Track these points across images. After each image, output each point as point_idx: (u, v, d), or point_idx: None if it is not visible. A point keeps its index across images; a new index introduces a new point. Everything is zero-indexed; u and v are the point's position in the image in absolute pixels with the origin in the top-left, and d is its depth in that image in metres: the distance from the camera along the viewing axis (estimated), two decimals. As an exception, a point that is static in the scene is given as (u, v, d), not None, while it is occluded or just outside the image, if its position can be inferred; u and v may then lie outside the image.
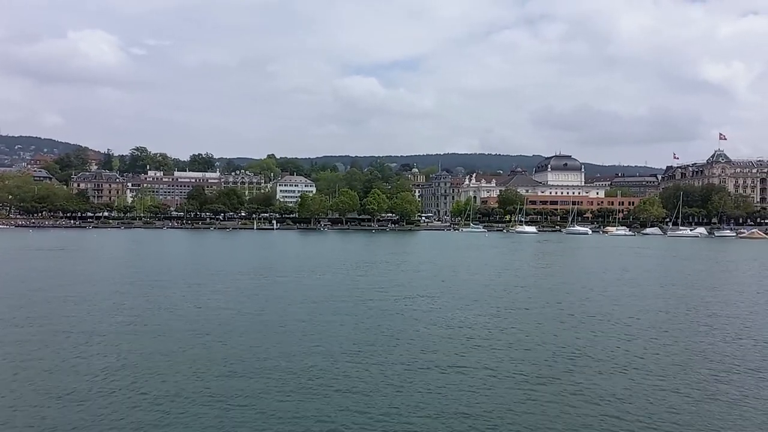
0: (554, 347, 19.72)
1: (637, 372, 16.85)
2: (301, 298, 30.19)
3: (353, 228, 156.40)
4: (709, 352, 19.46)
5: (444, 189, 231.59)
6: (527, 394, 14.82)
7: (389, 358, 17.97)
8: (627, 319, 25.02)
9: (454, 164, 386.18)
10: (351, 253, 69.77)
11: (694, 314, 27.00)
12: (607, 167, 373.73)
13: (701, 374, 16.73)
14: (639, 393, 15.01)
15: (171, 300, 28.92)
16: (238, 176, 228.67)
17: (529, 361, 17.94)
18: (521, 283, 39.01)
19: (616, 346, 19.99)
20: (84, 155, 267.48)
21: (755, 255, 74.37)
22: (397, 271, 46.69)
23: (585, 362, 17.88)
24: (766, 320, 25.73)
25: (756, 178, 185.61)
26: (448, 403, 14.17)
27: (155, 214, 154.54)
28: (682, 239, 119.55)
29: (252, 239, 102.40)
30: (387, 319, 24.35)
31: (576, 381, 15.93)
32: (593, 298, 31.68)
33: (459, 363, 17.54)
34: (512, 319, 24.87)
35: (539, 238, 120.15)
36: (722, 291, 36.61)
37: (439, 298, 31.01)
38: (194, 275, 40.60)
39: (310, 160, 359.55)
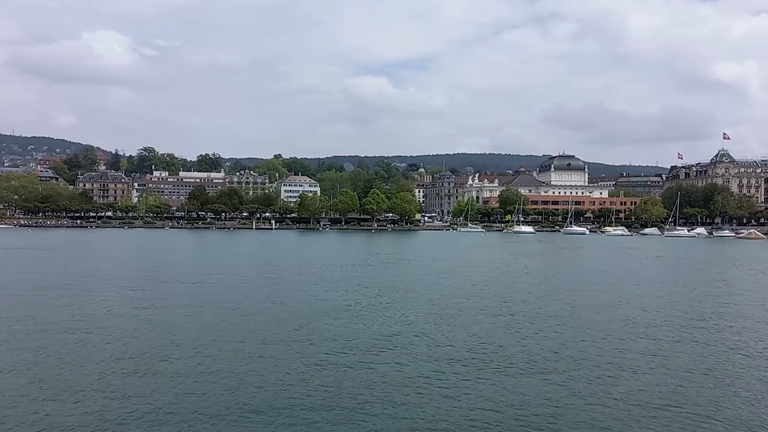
0: (451, 345, 20.32)
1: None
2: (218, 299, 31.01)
3: (352, 228, 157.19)
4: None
5: (448, 189, 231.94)
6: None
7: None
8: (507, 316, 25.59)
9: (464, 164, 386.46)
10: (319, 252, 70.58)
11: (569, 312, 27.38)
12: (617, 167, 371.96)
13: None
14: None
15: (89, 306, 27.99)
16: (243, 176, 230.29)
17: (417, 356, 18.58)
18: (455, 285, 39.56)
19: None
20: (92, 155, 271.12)
21: (740, 256, 74.13)
22: (339, 271, 47.36)
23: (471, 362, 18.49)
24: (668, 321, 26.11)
25: (760, 178, 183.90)
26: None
27: (157, 214, 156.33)
28: (678, 239, 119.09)
29: (240, 239, 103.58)
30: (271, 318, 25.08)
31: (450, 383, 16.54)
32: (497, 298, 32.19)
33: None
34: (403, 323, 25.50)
35: (534, 238, 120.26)
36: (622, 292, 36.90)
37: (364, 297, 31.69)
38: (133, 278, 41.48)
39: (317, 160, 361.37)
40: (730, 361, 18.94)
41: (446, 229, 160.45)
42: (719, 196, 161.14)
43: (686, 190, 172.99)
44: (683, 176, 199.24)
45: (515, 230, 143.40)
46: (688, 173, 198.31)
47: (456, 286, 37.49)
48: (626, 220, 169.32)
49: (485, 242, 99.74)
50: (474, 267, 52.13)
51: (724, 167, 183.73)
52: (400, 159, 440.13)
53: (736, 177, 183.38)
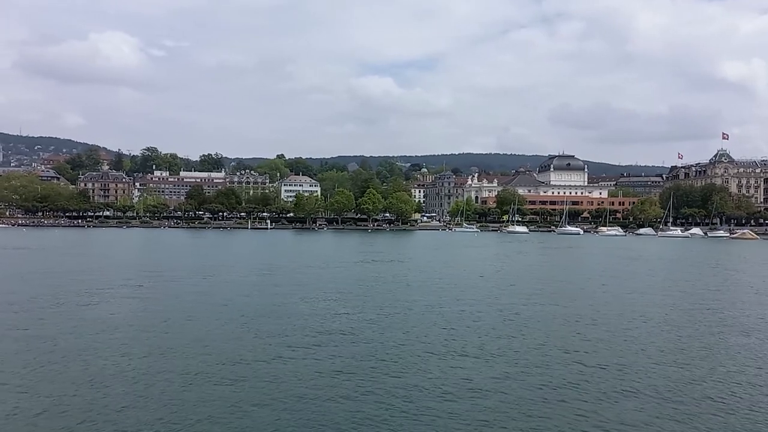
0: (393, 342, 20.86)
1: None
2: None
3: (348, 228, 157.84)
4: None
5: (448, 189, 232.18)
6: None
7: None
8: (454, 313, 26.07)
9: (469, 164, 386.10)
10: (295, 253, 71.27)
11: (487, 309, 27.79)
12: (622, 167, 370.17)
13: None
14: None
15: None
16: (243, 176, 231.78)
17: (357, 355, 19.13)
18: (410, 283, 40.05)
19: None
20: (96, 155, 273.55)
21: (723, 257, 74.12)
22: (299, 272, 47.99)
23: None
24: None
25: (759, 178, 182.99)
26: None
27: (154, 214, 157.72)
28: (670, 240, 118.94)
29: (230, 239, 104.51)
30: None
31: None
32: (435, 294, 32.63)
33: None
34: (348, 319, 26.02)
35: (527, 238, 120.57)
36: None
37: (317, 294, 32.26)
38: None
39: (320, 160, 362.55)
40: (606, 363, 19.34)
41: (442, 229, 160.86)
42: (717, 196, 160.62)
43: (684, 191, 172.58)
44: (683, 176, 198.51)
45: (509, 230, 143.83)
46: (688, 173, 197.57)
47: (409, 285, 38.03)
48: (624, 220, 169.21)
49: (474, 242, 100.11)
50: (444, 267, 52.60)
51: (723, 167, 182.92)
52: (405, 159, 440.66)
53: (736, 177, 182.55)
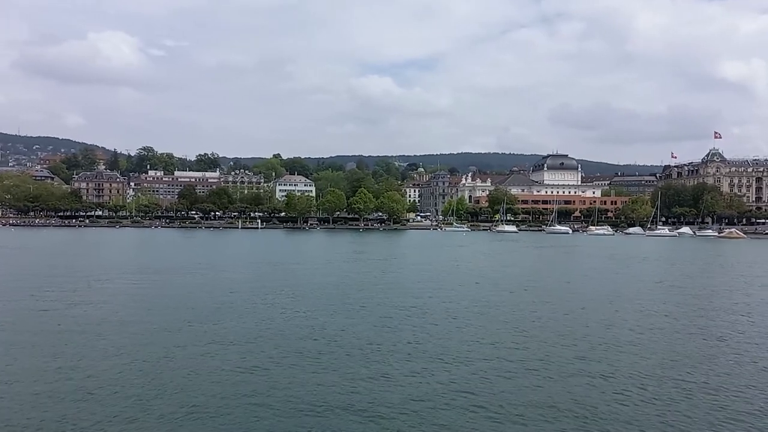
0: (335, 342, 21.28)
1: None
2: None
3: (340, 228, 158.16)
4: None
5: (442, 188, 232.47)
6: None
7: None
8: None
9: (469, 163, 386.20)
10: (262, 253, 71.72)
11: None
12: (621, 166, 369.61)
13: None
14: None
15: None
16: (238, 176, 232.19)
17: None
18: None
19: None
20: (92, 155, 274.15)
21: (699, 256, 74.46)
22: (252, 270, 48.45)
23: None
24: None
25: (751, 177, 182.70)
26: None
27: (146, 214, 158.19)
28: (657, 239, 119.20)
29: (214, 238, 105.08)
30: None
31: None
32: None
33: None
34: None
35: (516, 237, 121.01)
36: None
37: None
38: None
39: (317, 159, 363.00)
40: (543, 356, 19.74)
41: (433, 229, 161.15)
42: (708, 196, 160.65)
43: (675, 190, 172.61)
44: (676, 176, 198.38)
45: (499, 230, 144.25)
46: (681, 173, 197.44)
47: (371, 284, 38.47)
48: (616, 219, 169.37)
49: (459, 241, 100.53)
50: (416, 266, 53.08)
51: (715, 167, 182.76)
52: (404, 158, 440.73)
53: (728, 176, 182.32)
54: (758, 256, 76.38)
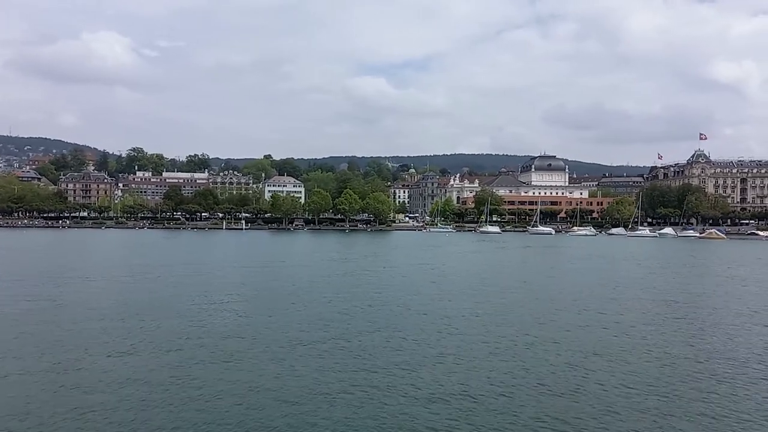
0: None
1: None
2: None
3: (325, 228, 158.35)
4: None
5: (431, 189, 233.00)
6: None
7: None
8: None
9: (463, 164, 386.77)
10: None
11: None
12: (614, 167, 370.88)
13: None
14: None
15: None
16: (227, 177, 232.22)
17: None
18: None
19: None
20: (81, 156, 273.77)
21: (666, 256, 74.95)
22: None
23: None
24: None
25: (736, 178, 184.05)
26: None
27: (131, 214, 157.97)
28: (636, 239, 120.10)
29: (194, 239, 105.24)
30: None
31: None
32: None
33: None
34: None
35: (496, 238, 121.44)
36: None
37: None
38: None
39: (308, 160, 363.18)
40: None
41: (418, 230, 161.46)
42: (692, 196, 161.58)
43: (660, 191, 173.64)
44: (662, 176, 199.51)
45: (482, 230, 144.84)
46: (667, 173, 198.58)
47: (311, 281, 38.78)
48: (601, 220, 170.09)
49: (440, 242, 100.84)
50: (379, 268, 53.41)
51: (700, 167, 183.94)
52: (398, 159, 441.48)
53: (713, 177, 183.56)
54: (727, 255, 76.99)
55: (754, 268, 56.77)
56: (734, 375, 17.54)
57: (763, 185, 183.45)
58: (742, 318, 27.80)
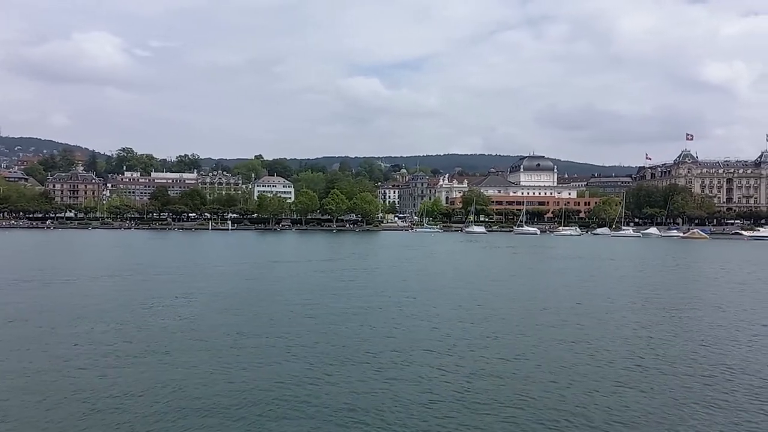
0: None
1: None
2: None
3: (312, 229, 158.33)
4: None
5: (421, 189, 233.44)
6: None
7: None
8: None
9: (455, 164, 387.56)
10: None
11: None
12: (607, 167, 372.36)
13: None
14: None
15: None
16: (216, 177, 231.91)
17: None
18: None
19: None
20: (71, 156, 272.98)
21: (640, 255, 75.39)
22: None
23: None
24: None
25: (722, 179, 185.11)
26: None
27: (117, 215, 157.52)
28: (619, 239, 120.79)
29: (175, 240, 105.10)
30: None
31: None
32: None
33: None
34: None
35: (482, 238, 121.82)
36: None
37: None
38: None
39: (301, 161, 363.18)
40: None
41: (405, 230, 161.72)
42: (678, 196, 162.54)
43: (647, 191, 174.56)
44: (650, 177, 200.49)
45: (468, 230, 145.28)
46: (654, 174, 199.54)
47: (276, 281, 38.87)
48: (588, 220, 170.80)
49: (424, 242, 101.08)
50: (353, 268, 53.52)
51: (687, 168, 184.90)
52: (391, 160, 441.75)
53: (699, 177, 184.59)
54: (703, 255, 77.51)
55: (718, 267, 57.53)
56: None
57: (748, 185, 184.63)
58: (673, 311, 28.27)
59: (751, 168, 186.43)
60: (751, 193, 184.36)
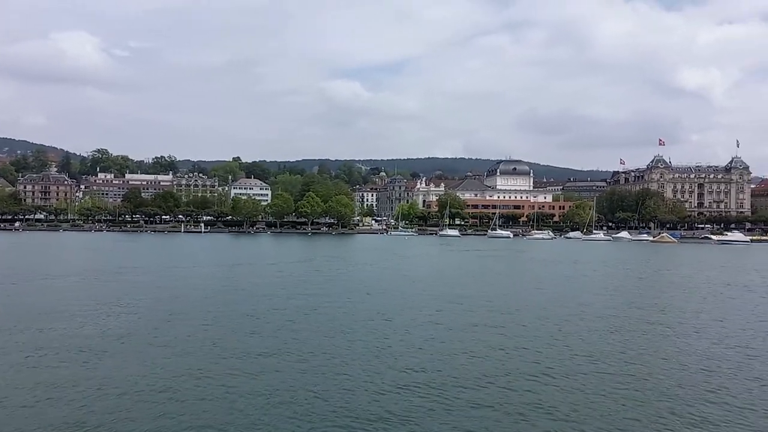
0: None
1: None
2: None
3: (287, 231, 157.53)
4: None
5: (398, 193, 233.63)
6: None
7: None
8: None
9: (436, 168, 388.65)
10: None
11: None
12: (586, 171, 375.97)
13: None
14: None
15: None
16: (192, 179, 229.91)
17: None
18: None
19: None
20: (43, 157, 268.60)
21: (601, 258, 76.14)
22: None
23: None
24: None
25: (694, 183, 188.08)
26: None
27: (87, 217, 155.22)
28: (591, 243, 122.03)
29: (145, 242, 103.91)
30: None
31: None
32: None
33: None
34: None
35: (453, 241, 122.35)
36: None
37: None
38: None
39: (280, 163, 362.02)
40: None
41: (380, 233, 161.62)
42: (650, 201, 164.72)
43: (620, 195, 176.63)
44: (623, 181, 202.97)
45: (442, 233, 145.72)
46: (627, 178, 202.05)
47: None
48: (562, 223, 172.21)
49: (396, 246, 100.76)
50: (313, 270, 53.35)
51: (659, 173, 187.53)
52: (371, 163, 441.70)
53: (671, 182, 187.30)
54: (666, 258, 78.54)
55: (673, 268, 58.45)
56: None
57: (719, 190, 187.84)
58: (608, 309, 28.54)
59: (721, 173, 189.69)
60: (721, 198, 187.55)
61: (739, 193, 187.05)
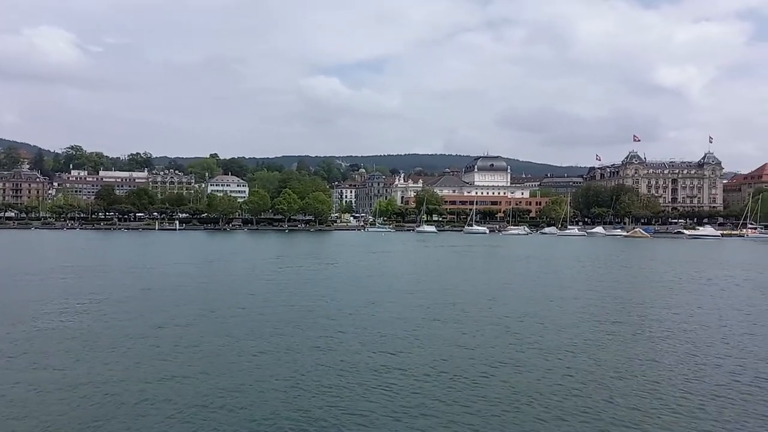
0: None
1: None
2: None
3: (264, 228, 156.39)
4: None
5: (377, 189, 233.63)
6: None
7: None
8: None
9: (416, 165, 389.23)
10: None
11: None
12: (563, 168, 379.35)
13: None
14: None
15: None
16: (167, 176, 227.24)
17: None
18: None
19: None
20: (15, 154, 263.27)
21: (573, 252, 76.80)
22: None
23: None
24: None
25: (668, 179, 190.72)
26: None
27: (60, 215, 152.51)
28: (566, 238, 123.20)
29: (119, 240, 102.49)
30: None
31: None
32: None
33: None
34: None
35: (430, 237, 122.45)
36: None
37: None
38: None
39: (259, 159, 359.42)
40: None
41: (358, 230, 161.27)
42: (625, 196, 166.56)
43: (595, 191, 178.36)
44: (599, 177, 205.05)
45: (419, 230, 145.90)
46: (603, 174, 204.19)
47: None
48: (538, 219, 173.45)
49: (372, 242, 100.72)
50: (278, 269, 53.05)
51: (634, 168, 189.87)
52: (351, 159, 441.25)
53: (645, 178, 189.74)
54: (635, 252, 79.48)
55: (641, 263, 59.18)
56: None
57: (692, 186, 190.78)
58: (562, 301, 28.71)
59: (694, 169, 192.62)
60: (695, 193, 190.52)
61: (711, 189, 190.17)
